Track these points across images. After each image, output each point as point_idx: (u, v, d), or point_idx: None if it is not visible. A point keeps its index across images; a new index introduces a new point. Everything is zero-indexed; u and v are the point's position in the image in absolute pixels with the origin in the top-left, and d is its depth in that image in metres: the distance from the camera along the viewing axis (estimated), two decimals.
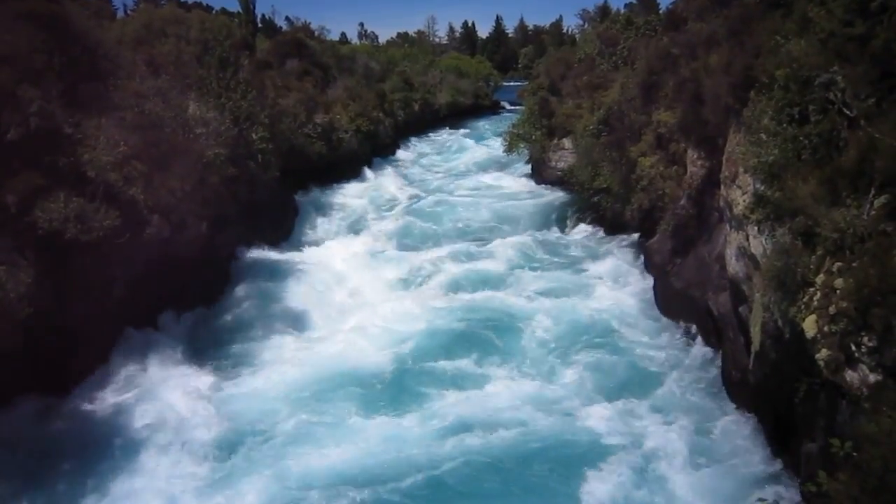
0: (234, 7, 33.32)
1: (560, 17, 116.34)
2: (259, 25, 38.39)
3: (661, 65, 17.72)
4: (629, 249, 19.83)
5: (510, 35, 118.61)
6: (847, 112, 7.95)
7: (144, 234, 12.30)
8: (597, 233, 22.11)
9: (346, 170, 30.63)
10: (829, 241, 7.37)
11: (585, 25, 54.45)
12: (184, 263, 14.05)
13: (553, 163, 28.57)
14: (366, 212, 26.12)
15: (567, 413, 11.48)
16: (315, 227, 23.46)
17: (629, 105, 19.68)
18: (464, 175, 34.07)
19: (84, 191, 10.99)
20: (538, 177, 30.32)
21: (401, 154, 40.42)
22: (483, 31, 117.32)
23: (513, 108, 58.39)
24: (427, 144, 45.38)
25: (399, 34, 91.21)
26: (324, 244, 21.63)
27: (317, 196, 26.78)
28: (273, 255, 19.34)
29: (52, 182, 10.60)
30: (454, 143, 45.06)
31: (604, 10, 52.49)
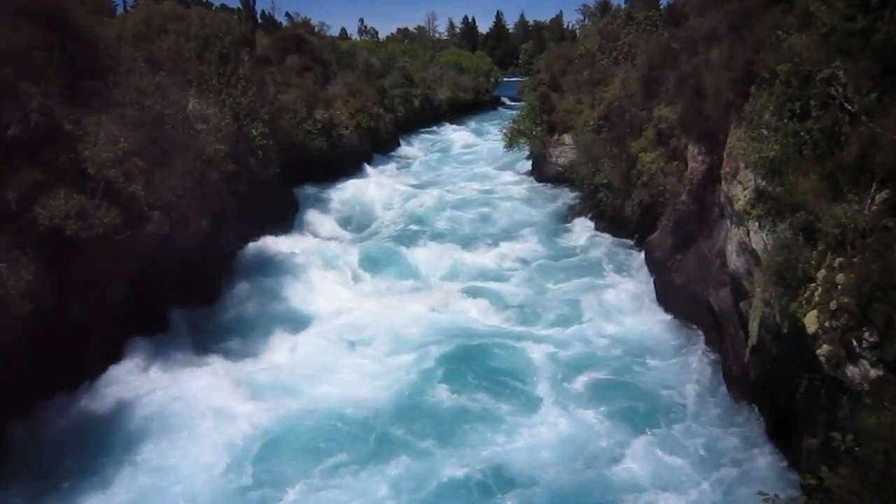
0: (234, 3, 33.45)
1: (560, 13, 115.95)
2: (259, 21, 38.30)
3: (662, 60, 17.71)
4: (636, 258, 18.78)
5: (510, 31, 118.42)
6: (848, 107, 7.94)
7: (145, 231, 12.27)
8: (599, 233, 21.95)
9: (347, 166, 30.62)
10: (831, 237, 7.38)
11: (586, 21, 54.28)
12: (184, 260, 14.05)
13: (553, 158, 28.55)
14: (366, 209, 26.10)
15: (595, 458, 10.27)
16: (315, 223, 23.40)
17: (630, 100, 19.66)
18: (464, 171, 34.04)
19: (84, 187, 10.97)
20: (539, 173, 30.29)
21: (401, 150, 40.39)
22: (483, 27, 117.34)
23: (513, 104, 58.31)
24: (427, 140, 45.30)
25: (399, 30, 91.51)
26: (324, 240, 21.61)
27: (317, 192, 26.75)
28: (274, 251, 19.34)
29: (53, 179, 10.59)
30: (454, 139, 44.99)
31: (604, 6, 52.24)
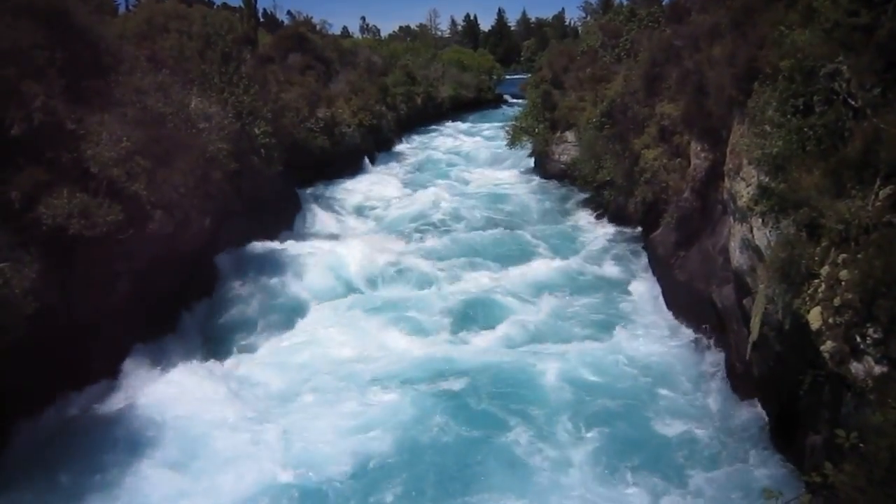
0: (236, 2, 33.40)
1: (562, 10, 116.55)
2: (261, 20, 38.32)
3: (664, 57, 17.62)
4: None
5: (512, 28, 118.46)
6: (852, 102, 7.90)
7: (148, 230, 12.28)
8: (603, 230, 21.93)
9: (349, 164, 30.66)
10: (834, 233, 7.34)
11: (588, 17, 54.23)
12: (187, 258, 14.06)
13: (556, 156, 28.52)
14: (368, 207, 26.09)
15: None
16: (317, 222, 23.43)
17: (632, 97, 19.58)
18: (466, 169, 34.01)
19: (87, 186, 10.97)
20: (541, 170, 30.25)
21: (403, 148, 40.39)
22: (485, 25, 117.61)
23: (515, 102, 58.24)
24: (430, 138, 45.27)
25: (401, 28, 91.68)
26: (325, 238, 21.60)
27: (319, 190, 26.76)
28: (276, 250, 19.34)
29: (56, 178, 10.58)
30: (457, 137, 44.96)
31: (606, 2, 52.03)
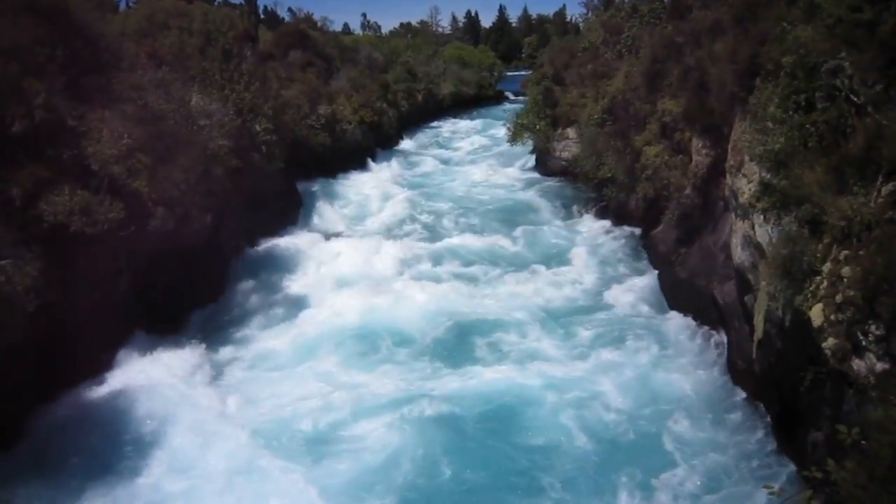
0: None
1: (564, 6, 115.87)
2: (261, 17, 38.28)
3: (666, 53, 17.60)
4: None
5: (513, 24, 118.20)
6: (854, 99, 7.87)
7: (149, 227, 12.29)
8: (604, 226, 21.77)
9: (350, 161, 30.62)
10: (836, 230, 7.32)
11: (589, 14, 53.86)
12: (189, 255, 14.07)
13: (557, 153, 28.46)
14: (369, 204, 26.07)
15: None
16: (318, 219, 23.42)
17: (634, 94, 19.56)
18: (467, 166, 33.96)
19: (88, 183, 10.97)
20: (542, 167, 30.19)
21: (404, 145, 40.35)
22: (486, 21, 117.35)
23: (516, 98, 58.19)
24: (431, 135, 45.23)
25: (402, 24, 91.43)
26: (326, 236, 21.60)
27: (320, 187, 26.74)
28: (278, 246, 19.35)
29: (57, 175, 10.58)
30: (458, 134, 44.93)
31: None
